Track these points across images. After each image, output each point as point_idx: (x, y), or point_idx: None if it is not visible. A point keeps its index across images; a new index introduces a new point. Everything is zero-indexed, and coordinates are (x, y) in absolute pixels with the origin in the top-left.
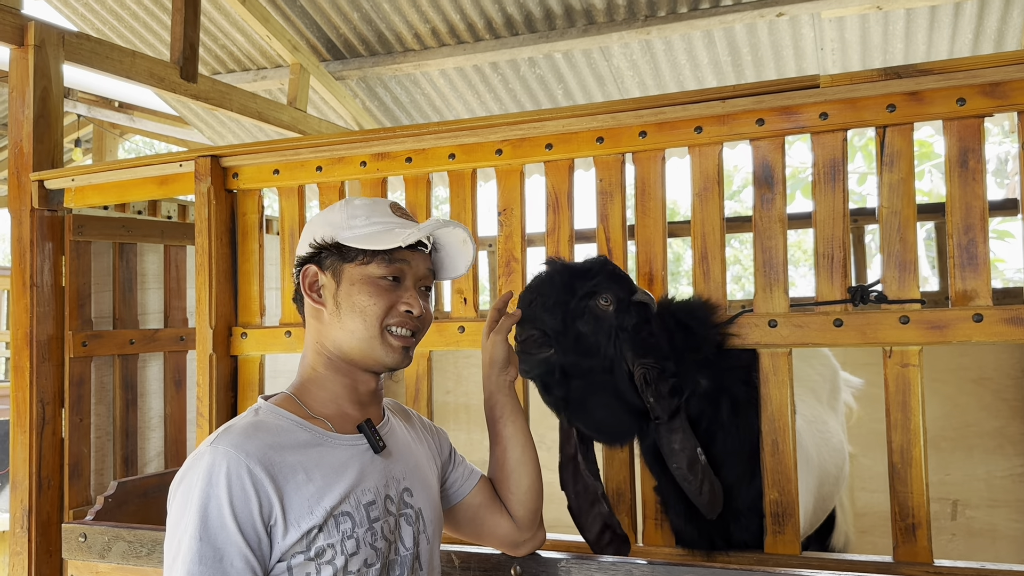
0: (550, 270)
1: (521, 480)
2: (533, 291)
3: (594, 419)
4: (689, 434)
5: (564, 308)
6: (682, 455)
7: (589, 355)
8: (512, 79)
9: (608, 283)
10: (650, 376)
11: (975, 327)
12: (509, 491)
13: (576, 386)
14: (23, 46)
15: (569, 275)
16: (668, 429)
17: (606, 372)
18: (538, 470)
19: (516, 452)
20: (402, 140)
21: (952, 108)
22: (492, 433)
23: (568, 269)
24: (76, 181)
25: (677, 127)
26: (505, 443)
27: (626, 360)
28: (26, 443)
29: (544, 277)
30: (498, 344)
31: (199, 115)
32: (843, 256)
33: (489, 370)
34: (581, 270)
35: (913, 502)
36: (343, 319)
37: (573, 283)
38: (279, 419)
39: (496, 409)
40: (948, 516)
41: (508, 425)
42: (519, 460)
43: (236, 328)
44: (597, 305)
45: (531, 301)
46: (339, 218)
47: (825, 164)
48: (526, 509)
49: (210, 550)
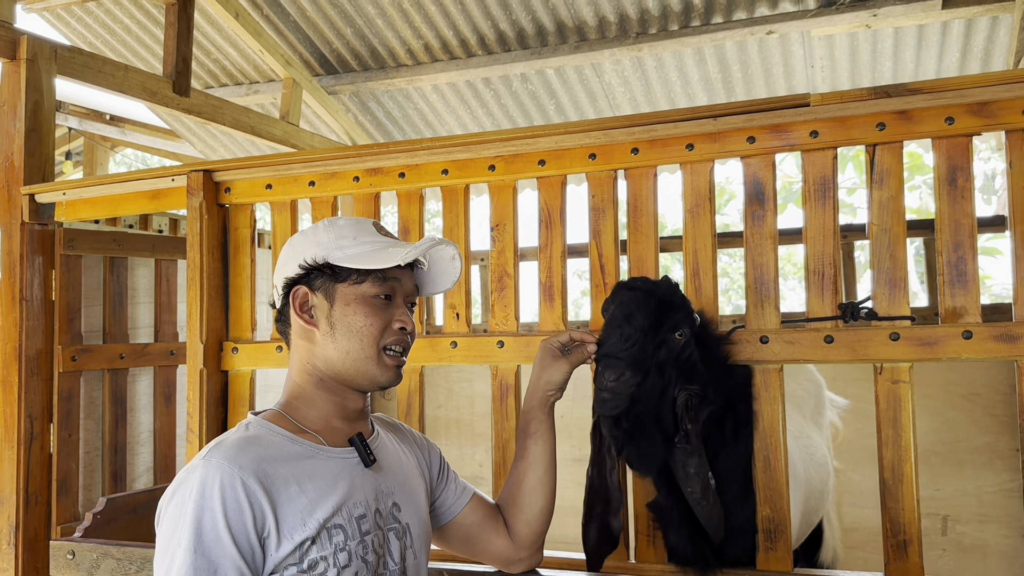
0: (639, 299)
1: (535, 501)
2: (624, 324)
3: (639, 450)
4: (704, 458)
5: (652, 343)
6: (696, 479)
7: (654, 387)
8: (504, 95)
9: (687, 317)
10: (692, 403)
11: (965, 344)
12: (520, 509)
13: (633, 420)
14: (15, 60)
15: (657, 306)
16: (685, 452)
17: (657, 401)
18: (554, 494)
19: (539, 472)
20: (395, 155)
21: (941, 127)
22: (520, 447)
23: (657, 300)
24: (67, 195)
25: (669, 144)
26: (530, 460)
27: (674, 387)
28: (14, 458)
29: (634, 308)
30: (563, 371)
31: (191, 129)
32: (833, 273)
33: (542, 388)
34: (667, 301)
35: (904, 518)
36: (338, 339)
37: (662, 316)
38: (270, 433)
39: (532, 425)
40: (938, 532)
41: (539, 443)
42: (539, 480)
43: (227, 343)
44: (674, 339)
45: (625, 337)
46: (327, 238)
47: (815, 181)
48: (531, 530)
49: (205, 563)
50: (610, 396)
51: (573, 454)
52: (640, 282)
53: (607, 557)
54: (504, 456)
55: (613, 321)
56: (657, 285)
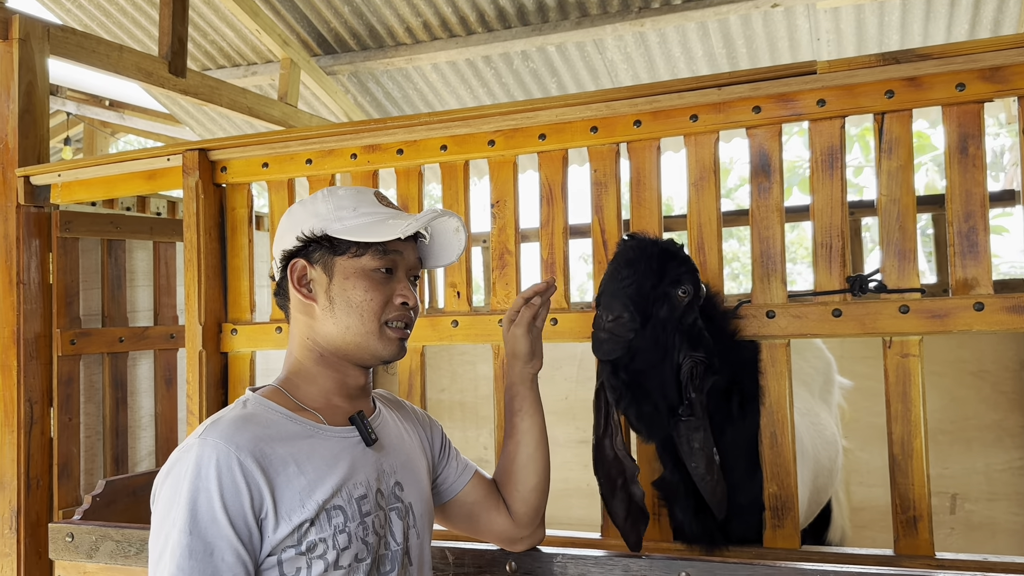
0: (642, 247)
1: (529, 478)
2: (624, 268)
3: (639, 410)
4: (709, 433)
5: (653, 292)
6: (701, 454)
7: (655, 343)
8: (505, 73)
9: (691, 273)
10: (697, 370)
11: (976, 316)
12: (514, 487)
13: (633, 373)
14: (7, 40)
15: (659, 255)
16: (690, 427)
17: (659, 362)
18: (547, 469)
19: (529, 448)
20: (393, 132)
21: (951, 94)
22: (508, 425)
23: (661, 250)
24: (62, 177)
25: (672, 115)
26: (519, 437)
27: (678, 352)
28: (14, 443)
29: (636, 255)
30: (520, 337)
31: (189, 112)
32: (842, 245)
33: (512, 361)
34: (672, 252)
35: (914, 494)
36: (337, 314)
37: (664, 266)
38: (268, 411)
39: (516, 401)
40: (947, 510)
41: (526, 419)
42: (531, 456)
43: (226, 324)
44: (676, 294)
45: (623, 278)
46: (325, 209)
47: (823, 152)
48: (528, 507)
49: (200, 544)
50: (607, 336)
51: (577, 436)
52: (642, 235)
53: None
54: None
55: (614, 264)
56: (660, 240)
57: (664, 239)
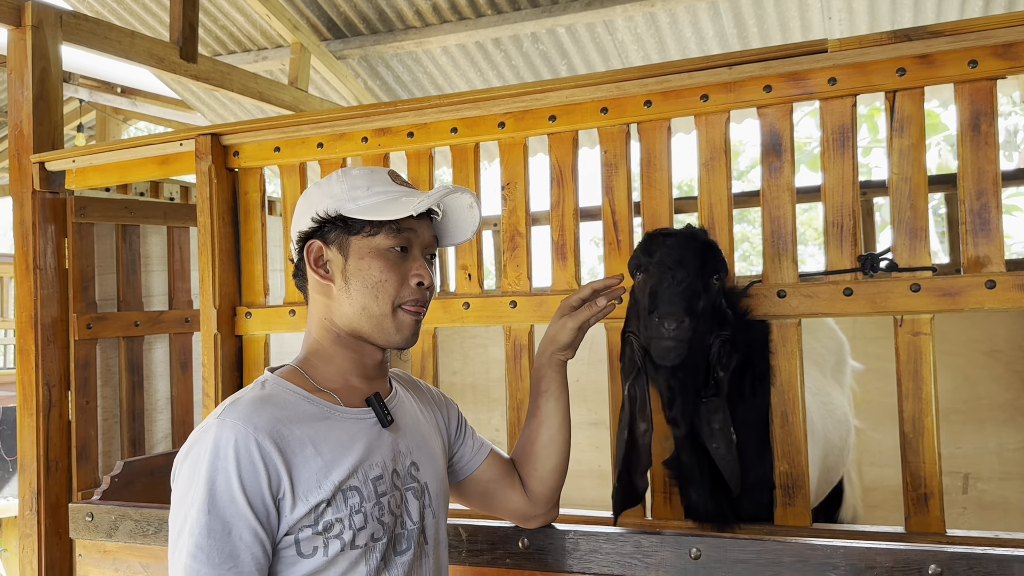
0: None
1: (549, 458)
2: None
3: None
4: (727, 413)
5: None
6: (721, 435)
7: (701, 335)
8: (515, 55)
9: (723, 260)
10: (725, 349)
11: (988, 294)
12: (533, 466)
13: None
14: (21, 27)
15: (702, 249)
16: (710, 408)
17: (700, 350)
18: (568, 451)
19: (552, 430)
20: (403, 115)
21: (964, 71)
22: (533, 406)
23: (701, 243)
24: (77, 162)
25: (683, 95)
26: (543, 418)
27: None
28: (33, 426)
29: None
30: (568, 330)
31: (200, 98)
32: (853, 224)
33: (548, 344)
34: (711, 244)
35: (925, 472)
36: (353, 294)
37: (705, 259)
38: (286, 392)
39: (543, 383)
40: (959, 489)
41: (551, 401)
42: (552, 438)
43: (240, 308)
44: (713, 283)
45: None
46: (339, 190)
47: (834, 131)
48: (545, 487)
49: (218, 523)
50: (675, 344)
51: (589, 417)
52: (675, 229)
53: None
54: (519, 416)
55: (663, 267)
56: (695, 230)
57: (695, 229)
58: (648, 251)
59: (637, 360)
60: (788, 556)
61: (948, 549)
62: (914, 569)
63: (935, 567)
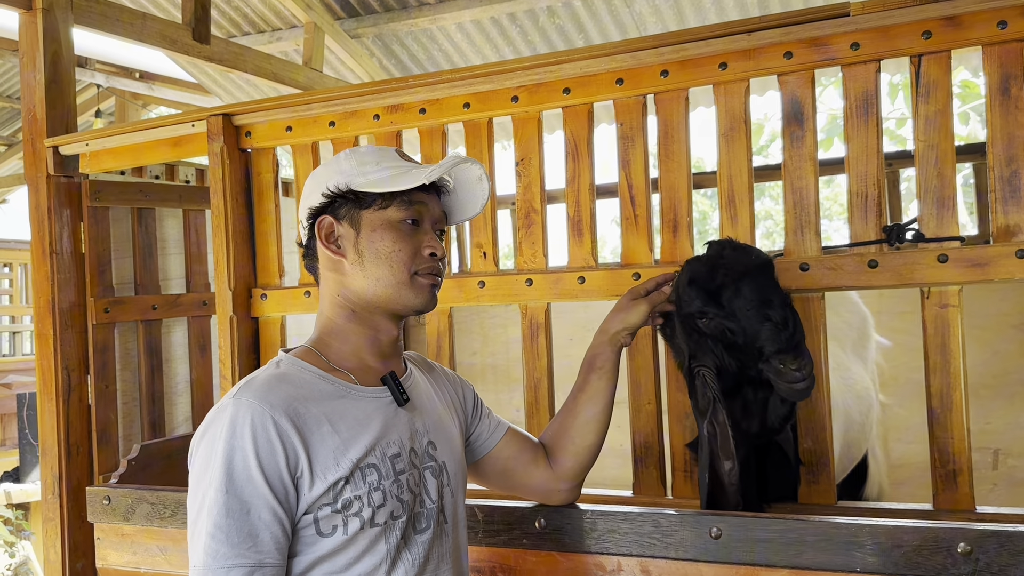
0: (770, 272)
1: (588, 436)
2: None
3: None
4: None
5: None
6: (781, 415)
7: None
8: (531, 30)
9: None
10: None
11: (1018, 264)
12: (572, 440)
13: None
14: (31, 10)
15: (770, 270)
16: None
17: None
18: (604, 434)
19: (597, 408)
20: (415, 91)
21: (992, 32)
22: (582, 380)
23: (771, 267)
24: (90, 146)
25: (701, 64)
26: (592, 394)
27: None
28: (53, 410)
29: (775, 287)
30: (643, 312)
31: (216, 80)
32: (877, 194)
33: (615, 325)
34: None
35: (954, 448)
36: (367, 267)
37: (775, 279)
38: (301, 371)
39: (599, 359)
40: (989, 465)
41: (604, 379)
42: (595, 416)
43: (256, 289)
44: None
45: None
46: (349, 166)
47: (857, 98)
48: (577, 462)
49: (237, 503)
50: (806, 384)
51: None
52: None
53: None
54: (536, 396)
55: (767, 306)
56: (756, 251)
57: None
58: (719, 283)
59: (711, 395)
60: (811, 535)
61: (978, 526)
62: (942, 547)
63: (964, 545)
